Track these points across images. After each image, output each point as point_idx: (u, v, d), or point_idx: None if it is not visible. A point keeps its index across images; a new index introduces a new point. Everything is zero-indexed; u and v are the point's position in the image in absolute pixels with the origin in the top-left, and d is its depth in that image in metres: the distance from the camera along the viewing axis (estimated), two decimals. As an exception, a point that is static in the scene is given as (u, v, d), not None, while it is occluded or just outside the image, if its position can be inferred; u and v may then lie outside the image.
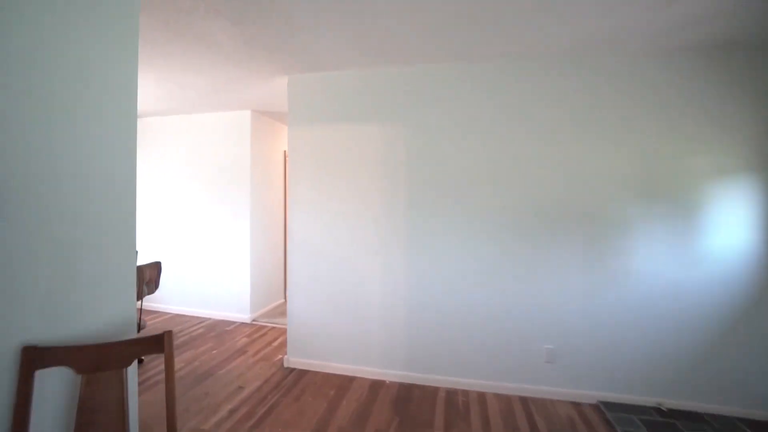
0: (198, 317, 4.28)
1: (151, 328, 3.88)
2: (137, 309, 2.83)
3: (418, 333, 2.76)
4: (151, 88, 3.33)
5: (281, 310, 4.49)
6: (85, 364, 1.09)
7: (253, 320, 4.18)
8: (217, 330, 3.89)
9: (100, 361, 1.11)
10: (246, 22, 2.14)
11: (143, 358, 3.11)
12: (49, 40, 1.11)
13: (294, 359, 3.02)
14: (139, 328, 2.83)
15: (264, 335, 3.78)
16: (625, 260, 2.40)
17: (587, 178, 2.46)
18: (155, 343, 1.17)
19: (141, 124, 4.52)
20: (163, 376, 2.82)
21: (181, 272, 4.39)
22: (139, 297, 2.71)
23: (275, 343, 3.56)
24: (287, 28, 2.20)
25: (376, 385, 2.74)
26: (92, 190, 1.27)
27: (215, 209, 4.26)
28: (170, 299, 4.43)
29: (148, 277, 2.77)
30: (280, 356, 3.23)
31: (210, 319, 4.24)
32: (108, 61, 1.32)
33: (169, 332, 1.18)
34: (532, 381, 2.55)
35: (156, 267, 2.82)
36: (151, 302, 4.52)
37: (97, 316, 1.27)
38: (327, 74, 2.92)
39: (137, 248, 4.66)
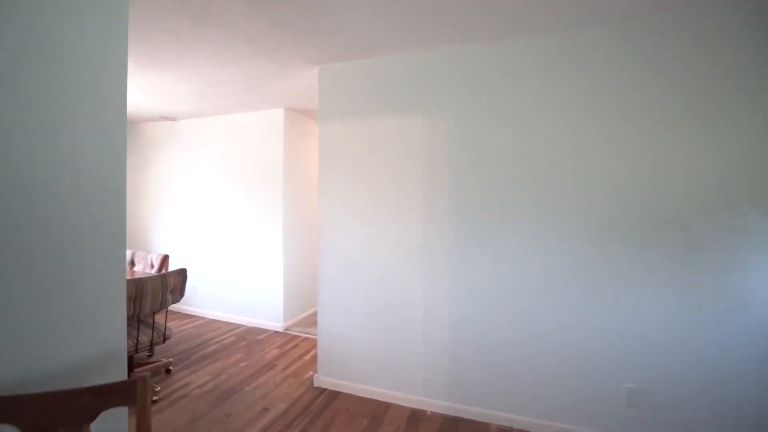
0: (231, 323, 4.15)
1: (177, 338, 3.78)
2: (163, 317, 2.72)
3: (465, 358, 2.36)
4: (183, 89, 3.21)
5: (315, 319, 4.25)
6: (34, 419, 0.84)
7: (286, 329, 3.97)
8: (249, 339, 3.72)
9: (55, 416, 0.85)
10: (270, 3, 1.87)
11: (171, 368, 2.98)
12: (21, 29, 0.88)
13: (324, 378, 2.73)
14: (165, 338, 2.67)
15: (296, 347, 3.54)
16: (750, 281, 1.84)
17: (693, 173, 1.93)
18: (126, 392, 0.90)
19: (176, 127, 4.49)
20: (190, 390, 2.64)
21: (215, 276, 4.29)
22: (163, 306, 2.56)
23: (307, 357, 3.30)
24: (316, 7, 1.91)
25: (415, 416, 2.37)
26: (70, 193, 1.03)
27: (248, 212, 4.11)
28: (204, 303, 4.35)
29: (173, 285, 2.61)
30: (311, 373, 2.96)
31: (242, 326, 4.09)
32: (89, 49, 1.08)
33: (143, 379, 0.90)
34: (609, 427, 2.06)
35: (181, 274, 2.66)
36: (185, 306, 4.47)
37: (72, 350, 1.02)
38: (360, 62, 2.61)
39: (168, 252, 4.67)
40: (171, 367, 2.98)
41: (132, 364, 2.66)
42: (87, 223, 1.07)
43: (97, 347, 1.10)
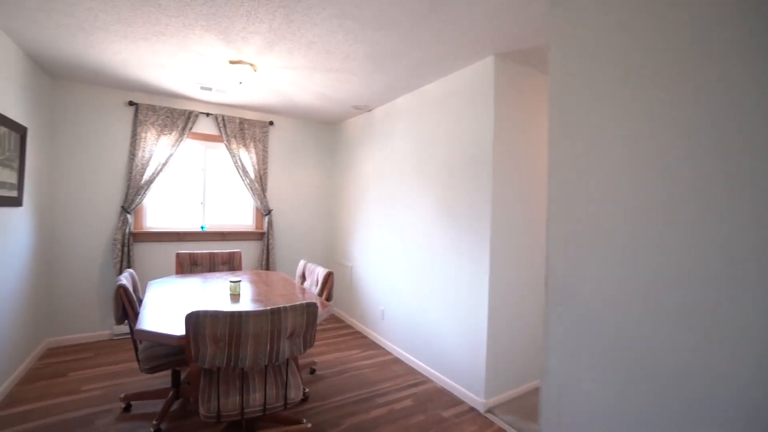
0: (416, 372, 3.00)
1: (348, 378, 2.90)
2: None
3: None
4: (341, 46, 2.35)
5: (536, 402, 2.50)
6: None
7: (488, 410, 2.45)
8: (430, 411, 2.44)
9: None
10: None
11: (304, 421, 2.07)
12: None
13: None
14: (286, 403, 1.75)
15: (497, 460, 1.98)
16: None
17: None
18: None
19: (372, 118, 3.84)
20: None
21: (403, 303, 3.29)
22: (275, 359, 1.64)
23: (514, 501, 1.69)
24: None
25: None
26: None
27: (441, 219, 2.88)
28: (391, 334, 3.43)
29: (291, 329, 1.65)
30: None
31: (429, 381, 2.86)
32: None
33: None
34: None
35: (304, 312, 1.69)
36: (373, 332, 3.69)
37: None
38: None
39: (361, 264, 4.03)
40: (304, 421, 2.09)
41: (252, 429, 1.89)
42: None
43: None
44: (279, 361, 1.66)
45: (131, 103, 3.36)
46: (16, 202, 2.46)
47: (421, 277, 3.05)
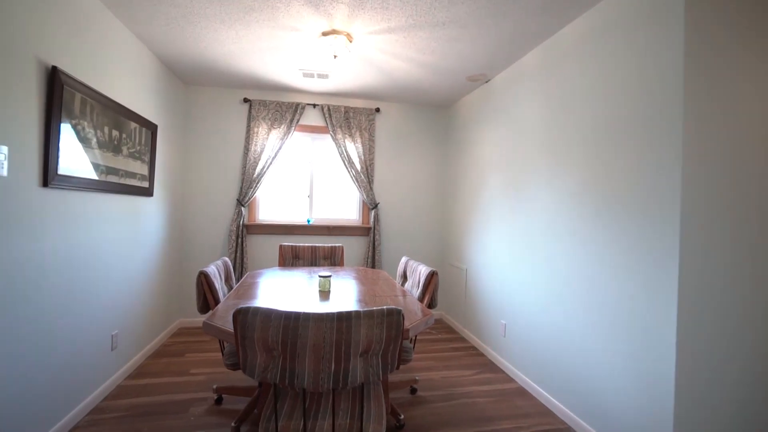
0: (552, 415, 2.22)
1: (459, 406, 2.29)
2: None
3: None
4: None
5: None
6: None
7: (675, 502, 1.55)
8: (572, 481, 1.68)
9: None
10: None
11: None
12: None
13: None
14: (363, 440, 1.31)
15: None
16: None
17: None
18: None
19: (491, 90, 3.16)
20: None
21: (534, 318, 2.54)
22: (343, 383, 1.20)
23: None
24: None
25: None
26: None
27: (586, 218, 2.07)
28: (515, 356, 2.69)
29: (365, 343, 1.19)
30: None
31: (569, 429, 2.07)
32: None
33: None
34: None
35: (383, 322, 1.20)
36: (496, 352, 3.00)
37: None
38: None
39: (464, 265, 3.34)
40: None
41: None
42: None
43: None
44: (348, 386, 1.23)
45: (245, 100, 3.50)
46: (147, 192, 2.70)
47: (557, 286, 2.27)
